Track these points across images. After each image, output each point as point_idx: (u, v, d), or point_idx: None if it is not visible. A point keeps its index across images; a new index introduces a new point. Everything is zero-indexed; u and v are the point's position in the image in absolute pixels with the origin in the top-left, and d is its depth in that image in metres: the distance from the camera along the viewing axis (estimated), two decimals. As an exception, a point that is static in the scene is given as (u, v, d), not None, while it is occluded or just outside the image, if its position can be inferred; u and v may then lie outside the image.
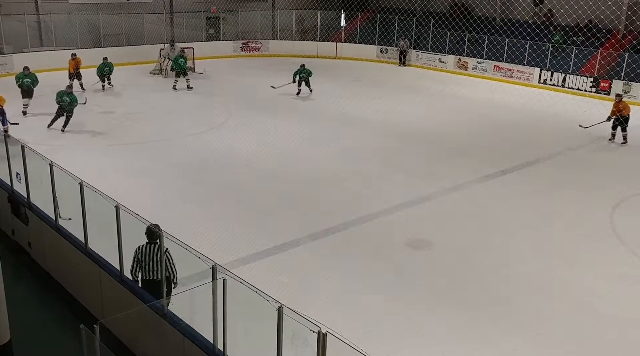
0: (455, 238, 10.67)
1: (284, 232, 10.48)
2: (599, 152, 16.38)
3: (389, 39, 31.27)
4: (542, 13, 28.48)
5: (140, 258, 7.05)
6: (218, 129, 17.27)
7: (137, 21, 28.36)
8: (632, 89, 22.86)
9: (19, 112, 17.35)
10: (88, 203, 7.67)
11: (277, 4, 33.93)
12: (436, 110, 20.48)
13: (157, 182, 12.90)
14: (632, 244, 10.53)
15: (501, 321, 8.13)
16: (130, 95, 21.21)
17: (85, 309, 8.07)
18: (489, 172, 14.07)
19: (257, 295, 5.12)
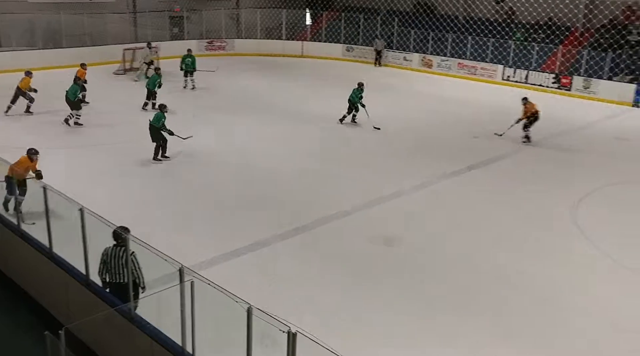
0: (421, 235, 10.81)
1: (251, 233, 10.45)
2: (561, 148, 16.75)
3: (354, 38, 31.41)
4: (503, 11, 28.99)
5: (107, 261, 6.97)
6: (185, 129, 17.08)
7: (99, 21, 27.85)
8: (592, 85, 23.47)
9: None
10: (52, 207, 7.53)
11: (242, 3, 33.77)
12: (402, 108, 20.68)
13: (122, 184, 12.72)
14: (593, 237, 10.82)
15: (466, 316, 8.26)
16: (93, 97, 20.80)
17: (50, 315, 7.92)
18: (454, 169, 14.28)
19: (225, 297, 5.11)
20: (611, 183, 13.78)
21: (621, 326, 8.12)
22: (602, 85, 23.25)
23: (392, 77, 26.85)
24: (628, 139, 17.85)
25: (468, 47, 27.40)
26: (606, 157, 15.92)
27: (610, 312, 8.45)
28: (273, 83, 24.15)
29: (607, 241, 10.65)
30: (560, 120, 19.63)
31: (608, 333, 7.99)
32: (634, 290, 9.12)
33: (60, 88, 21.82)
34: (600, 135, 18.24)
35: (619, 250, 10.29)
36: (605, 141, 17.65)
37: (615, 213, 12.04)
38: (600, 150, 16.63)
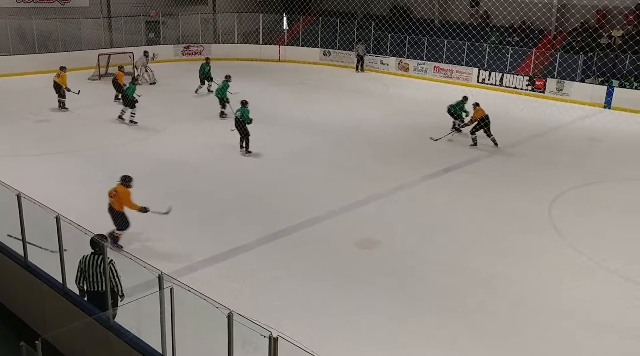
0: (401, 237, 10.86)
1: (232, 237, 10.40)
2: (536, 149, 16.99)
3: (331, 42, 31.51)
4: (478, 15, 29.33)
5: (84, 269, 6.87)
6: (161, 135, 16.99)
7: (73, 26, 27.51)
8: (565, 87, 23.86)
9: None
10: (27, 215, 7.40)
11: (218, 7, 33.66)
12: (379, 112, 20.77)
13: (98, 190, 12.51)
14: (569, 237, 10.97)
15: (445, 317, 8.32)
16: (68, 102, 20.53)
17: (26, 325, 7.77)
18: (432, 171, 14.39)
19: (205, 303, 5.07)
20: (585, 183, 14.01)
21: (599, 326, 8.24)
22: (574, 87, 23.66)
23: (369, 81, 26.97)
24: (601, 140, 18.17)
25: (444, 50, 27.66)
26: (580, 158, 16.18)
27: (588, 312, 8.56)
28: (251, 87, 24.06)
29: (583, 241, 10.81)
30: (534, 121, 19.94)
31: (586, 333, 8.09)
32: (610, 289, 9.27)
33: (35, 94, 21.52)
34: (574, 136, 18.54)
35: (595, 250, 10.44)
36: (578, 142, 17.95)
37: (590, 213, 12.24)
38: (574, 151, 16.90)
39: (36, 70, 24.88)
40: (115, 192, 9.55)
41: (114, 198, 9.53)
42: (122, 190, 9.56)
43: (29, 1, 26.88)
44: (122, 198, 9.53)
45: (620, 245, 10.70)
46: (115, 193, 9.55)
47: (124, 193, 9.54)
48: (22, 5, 26.64)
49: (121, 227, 9.66)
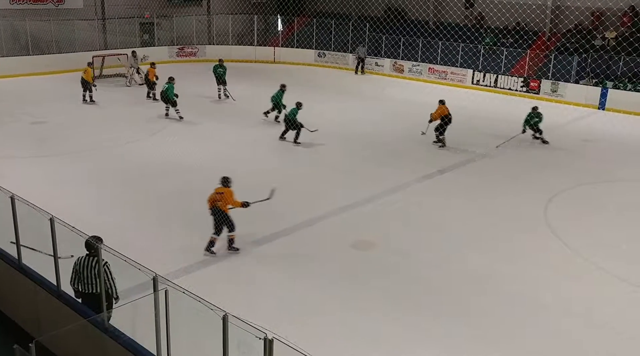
0: (397, 238, 10.86)
1: (226, 240, 10.35)
2: (531, 150, 17.03)
3: (325, 44, 31.52)
4: (472, 16, 29.40)
5: (79, 270, 6.84)
6: (156, 136, 16.94)
7: (67, 28, 27.42)
8: (559, 88, 23.94)
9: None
10: (21, 217, 7.35)
11: (213, 8, 33.63)
12: (374, 113, 20.78)
13: (94, 192, 12.52)
14: (564, 237, 11.00)
15: (441, 317, 8.32)
16: (62, 104, 20.49)
17: (19, 328, 7.73)
18: (427, 172, 14.40)
19: (201, 305, 5.05)
20: (580, 183, 14.05)
21: (595, 326, 8.26)
22: (569, 88, 23.74)
23: (364, 83, 26.99)
24: (595, 140, 18.23)
25: (438, 52, 27.71)
26: (575, 159, 16.23)
27: (584, 312, 8.59)
28: (247, 89, 24.05)
29: (578, 240, 10.84)
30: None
31: (582, 332, 8.12)
32: (606, 289, 9.29)
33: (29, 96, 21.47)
34: (569, 137, 18.58)
35: (590, 249, 10.48)
36: (573, 143, 18.00)
37: (585, 213, 12.28)
38: (569, 152, 16.96)
39: (30, 71, 24.82)
40: (221, 194, 9.59)
41: (221, 201, 9.56)
42: (227, 191, 9.63)
43: (23, 2, 26.77)
44: (228, 198, 9.61)
45: (614, 245, 10.73)
46: (221, 195, 9.58)
47: (229, 193, 9.63)
48: (15, 6, 26.53)
49: (233, 227, 9.77)
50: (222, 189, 9.67)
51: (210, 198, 9.72)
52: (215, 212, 9.63)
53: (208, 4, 33.65)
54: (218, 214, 9.62)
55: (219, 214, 9.62)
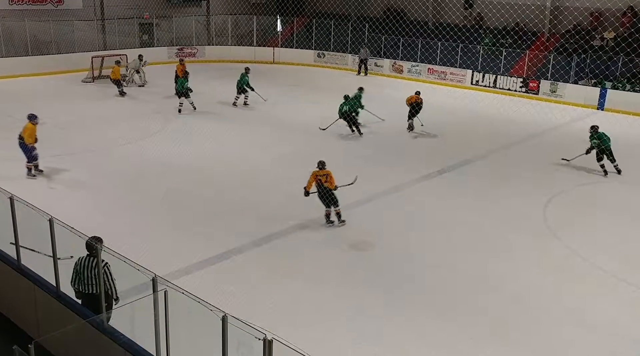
0: (396, 238, 10.87)
1: (225, 240, 10.37)
2: (530, 150, 17.04)
3: (325, 44, 31.53)
4: (472, 17, 29.41)
5: (79, 271, 6.84)
6: (154, 137, 16.94)
7: (66, 28, 27.42)
8: (559, 89, 23.95)
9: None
10: (20, 218, 7.35)
11: (212, 9, 33.63)
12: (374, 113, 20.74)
13: (93, 192, 12.52)
14: (564, 237, 11.01)
15: (443, 317, 8.32)
16: (61, 105, 20.49)
17: (19, 329, 7.72)
18: (427, 172, 14.41)
19: (200, 305, 5.05)
20: (579, 184, 14.06)
21: (594, 326, 8.26)
22: (568, 88, 23.75)
23: (363, 83, 26.94)
24: (594, 141, 18.19)
25: (437, 52, 27.72)
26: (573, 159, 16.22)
27: (582, 312, 8.59)
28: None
29: (577, 241, 10.85)
30: (528, 123, 20.00)
31: (582, 333, 8.12)
32: (604, 289, 9.30)
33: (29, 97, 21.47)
34: (568, 138, 18.58)
35: (590, 250, 10.49)
36: (572, 143, 17.97)
37: (584, 214, 12.29)
38: (568, 152, 16.94)
39: (29, 72, 24.81)
40: (326, 175, 10.88)
41: (329, 181, 10.81)
42: (329, 172, 10.95)
43: (22, 3, 26.77)
44: (332, 177, 10.91)
45: (613, 246, 10.74)
46: (327, 176, 10.88)
47: (331, 174, 10.96)
48: (14, 7, 26.53)
49: (337, 202, 11.01)
50: (325, 171, 10.95)
51: (313, 181, 10.96)
52: (324, 190, 10.90)
53: (207, 4, 33.65)
54: (326, 192, 10.91)
55: (327, 192, 10.91)
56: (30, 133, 13.03)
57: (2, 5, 26.15)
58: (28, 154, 13.10)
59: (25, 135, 12.98)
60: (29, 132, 13.03)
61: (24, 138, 12.96)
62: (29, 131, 13.05)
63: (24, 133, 13.04)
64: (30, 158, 13.18)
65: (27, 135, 12.98)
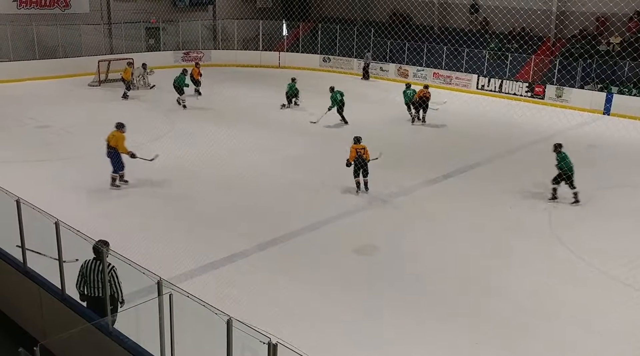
0: (400, 243, 10.86)
1: (230, 244, 10.38)
2: (536, 155, 16.97)
3: (330, 48, 31.58)
4: (477, 21, 29.40)
5: (85, 273, 6.87)
6: (161, 140, 16.99)
7: (74, 32, 27.58)
8: (564, 93, 23.89)
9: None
10: (26, 221, 7.39)
11: (218, 14, 33.75)
12: (379, 118, 20.77)
13: (98, 196, 12.56)
14: (569, 243, 10.97)
15: (447, 323, 8.30)
16: (68, 108, 20.60)
17: (24, 332, 7.75)
18: (432, 177, 14.39)
19: (205, 309, 5.06)
20: (585, 189, 13.99)
21: (600, 332, 8.23)
22: (574, 93, 23.69)
23: (369, 87, 27.00)
24: (601, 146, 18.17)
25: (443, 57, 27.71)
26: (580, 164, 16.10)
27: (589, 317, 8.55)
28: (252, 93, 24.15)
29: (583, 246, 10.80)
30: (534, 128, 19.95)
31: (587, 338, 8.08)
32: (610, 295, 9.25)
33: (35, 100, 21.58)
34: (574, 143, 18.48)
35: (595, 256, 10.44)
36: (578, 148, 17.89)
37: (590, 219, 12.24)
38: (574, 158, 16.84)
39: (36, 76, 24.95)
40: (363, 149, 12.99)
41: (365, 154, 12.95)
42: (365, 146, 13.08)
43: (30, 7, 26.94)
44: (367, 151, 13.03)
45: (620, 251, 10.68)
46: (364, 150, 12.99)
47: (366, 147, 13.08)
48: (22, 11, 26.69)
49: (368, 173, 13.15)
50: (362, 145, 13.04)
51: (354, 153, 12.93)
52: (362, 161, 12.99)
53: (214, 9, 33.79)
54: (364, 162, 13.00)
55: (364, 162, 13.00)
56: (122, 142, 12.69)
57: (10, 9, 26.31)
58: (116, 164, 12.77)
59: (119, 145, 12.61)
60: (121, 142, 12.67)
61: (115, 147, 12.61)
62: (121, 140, 12.69)
63: (113, 142, 12.65)
64: (118, 168, 12.83)
65: (120, 145, 12.61)
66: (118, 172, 12.94)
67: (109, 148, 12.76)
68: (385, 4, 30.78)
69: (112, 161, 12.83)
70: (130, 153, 12.81)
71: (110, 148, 12.75)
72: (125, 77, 22.65)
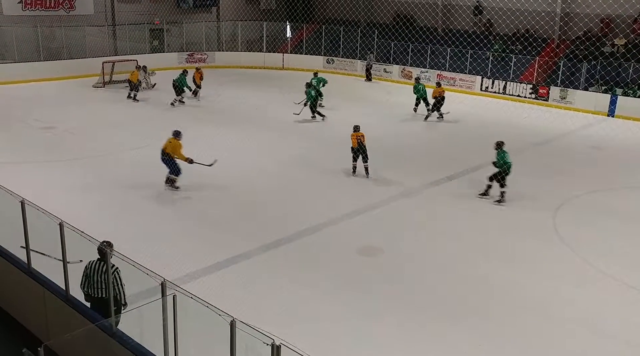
0: (404, 244, 10.85)
1: (234, 245, 10.39)
2: (540, 157, 16.97)
3: (334, 50, 31.60)
4: (481, 23, 29.38)
5: (89, 274, 6.88)
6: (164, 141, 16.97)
7: (78, 34, 27.67)
8: (569, 95, 23.84)
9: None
10: (30, 222, 7.40)
11: (222, 15, 33.81)
12: (382, 119, 20.77)
13: (102, 197, 12.59)
14: (573, 244, 10.94)
15: (451, 324, 8.29)
16: (72, 110, 20.65)
17: (28, 332, 7.77)
18: (435, 178, 14.37)
19: (208, 310, 5.06)
20: (589, 191, 13.97)
21: (603, 334, 8.20)
22: (578, 95, 23.64)
23: (373, 89, 27.00)
24: (605, 148, 18.13)
25: (447, 58, 27.69)
26: (584, 166, 16.15)
27: (592, 319, 8.53)
28: (255, 94, 24.18)
29: (587, 249, 10.77)
30: (538, 129, 19.93)
31: (591, 340, 8.06)
32: (614, 297, 9.22)
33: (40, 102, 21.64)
34: (578, 144, 18.50)
35: (600, 257, 10.41)
36: (582, 150, 17.91)
37: (594, 221, 12.20)
38: (578, 159, 16.88)
39: (41, 77, 25.03)
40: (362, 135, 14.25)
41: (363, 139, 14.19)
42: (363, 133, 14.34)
43: (35, 9, 27.04)
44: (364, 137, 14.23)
45: (624, 253, 10.66)
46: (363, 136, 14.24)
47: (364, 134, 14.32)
48: (27, 13, 26.79)
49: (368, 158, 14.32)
50: (360, 133, 14.22)
51: (355, 140, 14.14)
52: (362, 146, 14.11)
53: (217, 10, 33.85)
54: (363, 147, 14.13)
55: (363, 147, 14.13)
56: (179, 150, 12.84)
57: (15, 11, 26.41)
58: (173, 169, 12.93)
59: (177, 152, 12.78)
60: (178, 149, 12.82)
61: (172, 154, 12.76)
62: (178, 148, 12.84)
63: (170, 149, 12.79)
64: (175, 173, 12.97)
65: (178, 152, 12.78)
66: (175, 175, 13.01)
67: (164, 155, 12.86)
68: (389, 6, 30.79)
69: (168, 166, 12.96)
70: (188, 159, 12.88)
71: (165, 155, 12.85)
72: (133, 79, 22.75)
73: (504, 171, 12.85)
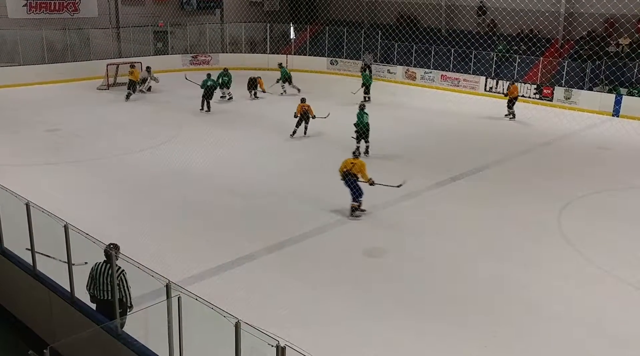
0: (409, 245, 10.83)
1: (238, 246, 10.40)
2: (545, 157, 16.93)
3: (338, 51, 31.61)
4: (485, 23, 29.33)
5: (95, 276, 6.90)
6: (169, 144, 17.06)
7: (82, 37, 27.77)
8: (573, 95, 23.78)
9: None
10: (36, 224, 7.43)
11: (226, 17, 33.87)
12: (386, 120, 20.73)
13: (108, 199, 12.62)
14: (578, 245, 10.91)
15: (455, 325, 8.27)
16: (77, 112, 20.71)
17: (34, 334, 7.79)
18: (439, 179, 14.35)
19: (213, 312, 5.07)
20: (595, 191, 13.93)
21: (609, 335, 8.18)
22: (582, 95, 23.57)
23: (376, 90, 26.94)
24: (610, 148, 18.07)
25: (451, 59, 27.66)
26: (589, 166, 16.10)
27: (597, 320, 8.50)
28: (259, 96, 24.19)
29: (592, 249, 10.74)
30: (543, 130, 19.89)
31: (596, 342, 8.03)
32: (620, 298, 9.19)
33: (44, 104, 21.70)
34: (583, 145, 18.45)
35: (605, 258, 10.38)
36: (587, 150, 17.86)
37: (600, 221, 12.17)
38: (583, 159, 16.82)
39: (45, 80, 25.12)
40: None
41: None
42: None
43: (39, 12, 27.15)
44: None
45: (629, 254, 10.62)
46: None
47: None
48: (32, 16, 26.90)
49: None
50: (306, 104, 16.52)
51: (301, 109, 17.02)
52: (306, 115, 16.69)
53: (221, 12, 33.90)
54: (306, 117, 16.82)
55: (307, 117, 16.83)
56: (365, 169, 11.75)
57: (20, 14, 26.53)
58: (355, 191, 11.78)
59: (363, 171, 11.67)
60: (364, 169, 11.74)
61: (359, 174, 11.70)
62: (364, 167, 11.77)
63: (356, 169, 11.69)
64: (358, 195, 11.82)
65: (364, 172, 11.66)
66: (358, 200, 11.89)
67: (350, 176, 11.70)
68: (392, 7, 30.79)
69: (352, 190, 11.81)
70: (370, 180, 11.76)
71: (350, 175, 11.71)
72: (134, 78, 22.77)
73: (362, 129, 15.71)
